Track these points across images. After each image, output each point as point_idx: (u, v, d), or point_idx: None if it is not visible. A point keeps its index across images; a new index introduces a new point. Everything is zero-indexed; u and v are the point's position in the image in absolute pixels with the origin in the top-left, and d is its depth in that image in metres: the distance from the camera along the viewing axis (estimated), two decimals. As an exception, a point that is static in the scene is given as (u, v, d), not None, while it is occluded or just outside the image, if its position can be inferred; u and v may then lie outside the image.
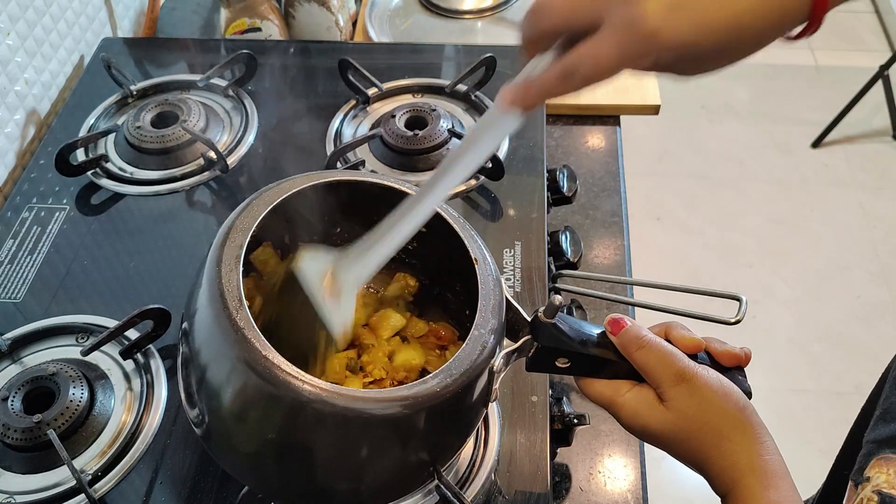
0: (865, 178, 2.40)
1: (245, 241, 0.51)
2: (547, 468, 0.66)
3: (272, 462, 0.52)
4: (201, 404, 0.52)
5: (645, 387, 0.54)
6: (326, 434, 0.49)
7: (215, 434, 0.54)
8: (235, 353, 0.47)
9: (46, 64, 1.02)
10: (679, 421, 0.51)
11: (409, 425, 0.50)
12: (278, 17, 1.14)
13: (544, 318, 0.53)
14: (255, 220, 0.53)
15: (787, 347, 1.99)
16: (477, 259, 0.56)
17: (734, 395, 0.51)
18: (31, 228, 0.86)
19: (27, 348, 0.74)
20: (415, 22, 1.24)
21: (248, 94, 1.01)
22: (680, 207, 2.33)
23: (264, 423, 0.50)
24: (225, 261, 0.50)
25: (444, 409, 0.50)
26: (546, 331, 0.54)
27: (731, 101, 2.64)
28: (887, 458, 0.47)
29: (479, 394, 0.53)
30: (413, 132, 0.91)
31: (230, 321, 0.47)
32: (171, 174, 0.91)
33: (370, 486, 0.54)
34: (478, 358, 0.51)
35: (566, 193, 0.91)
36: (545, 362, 0.56)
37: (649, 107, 1.10)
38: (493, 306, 0.54)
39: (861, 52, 2.81)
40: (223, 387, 0.50)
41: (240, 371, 0.47)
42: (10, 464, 0.66)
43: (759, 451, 0.49)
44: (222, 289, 0.48)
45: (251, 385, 0.47)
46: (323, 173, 0.60)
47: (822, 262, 2.19)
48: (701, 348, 0.55)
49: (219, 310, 0.48)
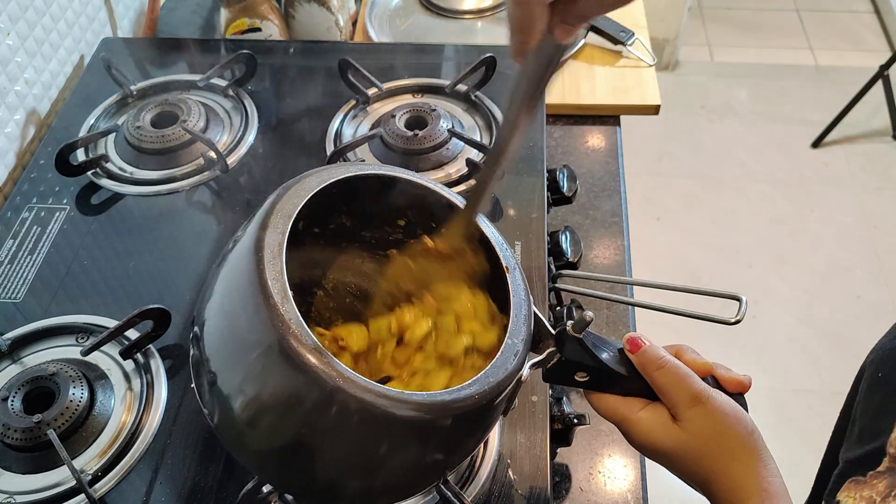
0: (865, 178, 2.40)
1: (287, 228, 0.48)
2: (547, 468, 0.66)
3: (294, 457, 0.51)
4: (219, 393, 0.50)
5: (659, 406, 0.55)
6: (355, 432, 0.48)
7: (233, 425, 0.51)
8: (280, 349, 0.44)
9: (46, 64, 1.02)
10: (692, 441, 0.53)
11: (436, 430, 0.50)
12: (278, 17, 1.14)
13: (573, 332, 0.55)
14: (296, 207, 0.50)
15: (787, 347, 1.99)
16: (508, 268, 0.56)
17: (745, 419, 0.53)
18: (31, 228, 0.86)
19: (27, 348, 0.74)
20: (415, 22, 1.24)
21: (248, 94, 1.01)
22: (680, 207, 2.33)
23: (298, 417, 0.47)
24: (267, 247, 0.47)
25: (473, 416, 0.50)
26: (572, 345, 0.55)
27: (731, 101, 2.64)
28: (857, 480, 0.49)
29: (504, 402, 0.54)
30: (413, 132, 0.91)
31: (275, 315, 0.44)
32: (171, 174, 0.91)
33: (382, 485, 0.54)
34: (511, 367, 0.51)
35: (566, 193, 0.91)
36: (564, 374, 0.57)
37: (649, 107, 1.10)
38: (525, 316, 0.55)
39: (861, 52, 2.81)
40: (258, 380, 0.47)
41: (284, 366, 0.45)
42: (10, 464, 0.66)
43: (763, 473, 0.51)
44: (264, 279, 0.45)
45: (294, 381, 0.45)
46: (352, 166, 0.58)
47: (822, 262, 2.19)
48: (710, 372, 0.57)
49: (259, 301, 0.45)
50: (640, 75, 1.14)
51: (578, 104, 1.10)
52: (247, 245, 0.48)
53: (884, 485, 0.47)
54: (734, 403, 0.54)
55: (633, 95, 1.11)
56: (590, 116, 1.10)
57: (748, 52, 2.80)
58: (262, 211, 0.50)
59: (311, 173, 0.54)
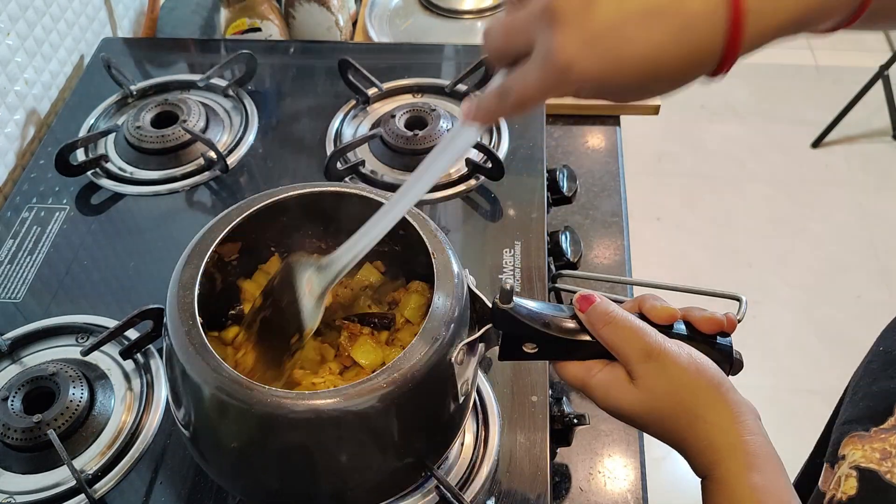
0: (865, 178, 2.40)
1: (202, 264, 0.56)
2: (547, 468, 0.66)
3: (248, 470, 0.54)
4: (181, 413, 0.55)
5: (616, 366, 0.52)
6: (283, 437, 0.50)
7: (196, 445, 0.57)
8: (192, 368, 0.50)
9: (46, 64, 1.02)
10: (650, 400, 0.49)
11: (371, 423, 0.50)
12: (278, 17, 1.14)
13: (501, 304, 0.53)
14: (211, 244, 0.57)
15: (787, 347, 1.99)
16: (434, 253, 0.56)
17: (708, 371, 0.49)
18: (30, 228, 0.86)
19: (27, 348, 0.75)
20: (415, 22, 1.24)
21: (248, 94, 1.01)
22: (680, 207, 2.33)
23: (226, 432, 0.52)
24: (183, 282, 0.54)
25: (406, 403, 0.51)
26: (504, 317, 0.54)
27: (731, 100, 2.64)
28: (860, 435, 0.46)
29: (443, 386, 0.53)
30: (413, 132, 0.91)
31: (187, 337, 0.51)
32: (171, 174, 0.91)
33: (356, 486, 0.55)
34: (429, 350, 0.51)
35: (566, 193, 0.90)
36: (513, 349, 0.56)
37: (649, 107, 1.10)
38: (450, 298, 0.54)
39: (861, 52, 2.81)
40: (189, 399, 0.53)
41: (196, 383, 0.50)
42: (10, 464, 0.66)
43: (738, 430, 0.47)
44: (178, 307, 0.53)
45: (207, 396, 0.50)
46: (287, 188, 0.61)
47: (822, 262, 2.19)
48: (675, 318, 0.53)
49: (177, 327, 0.52)
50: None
51: (578, 104, 1.09)
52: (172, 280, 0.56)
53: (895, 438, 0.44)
54: (696, 354, 0.49)
55: (633, 95, 1.10)
56: (589, 116, 1.10)
57: (748, 52, 2.79)
58: (188, 247, 0.58)
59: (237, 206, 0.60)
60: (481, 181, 0.89)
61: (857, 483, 0.44)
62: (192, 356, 0.50)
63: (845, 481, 0.45)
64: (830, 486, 0.46)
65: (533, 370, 0.72)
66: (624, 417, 0.52)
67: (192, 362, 0.50)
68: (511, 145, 0.93)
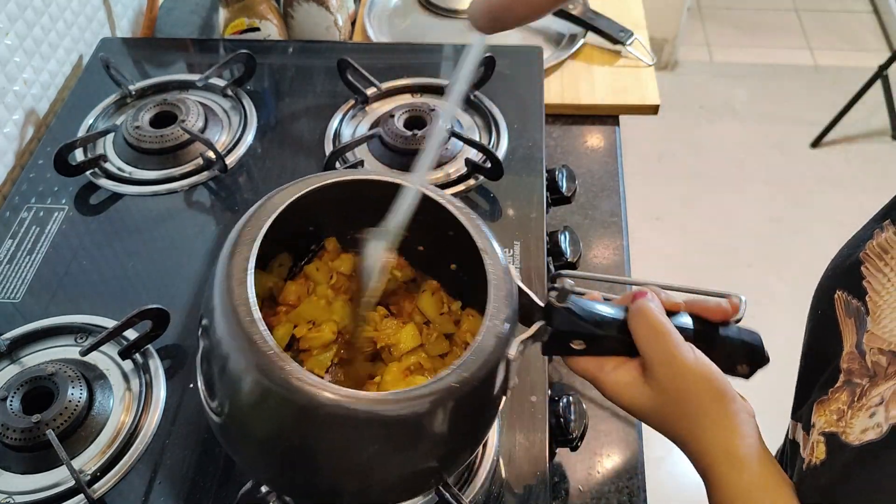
0: (865, 178, 2.41)
1: (252, 253, 0.52)
2: (546, 468, 0.66)
3: (287, 462, 0.52)
4: (219, 401, 0.53)
5: (630, 365, 0.55)
6: (345, 438, 0.49)
7: (230, 431, 0.54)
8: (252, 364, 0.48)
9: (45, 64, 1.02)
10: (660, 400, 0.53)
11: (427, 424, 0.50)
12: (277, 17, 1.14)
13: (557, 302, 0.54)
14: (259, 230, 0.53)
15: (787, 347, 1.99)
16: (485, 250, 0.56)
17: (715, 380, 0.52)
18: (29, 228, 0.85)
19: (26, 348, 0.74)
20: (414, 22, 1.24)
21: (246, 93, 1.01)
22: (679, 207, 2.33)
23: (278, 426, 0.50)
24: (235, 274, 0.51)
25: (463, 404, 0.50)
26: (560, 315, 0.55)
27: (731, 101, 2.64)
28: (822, 401, 0.51)
29: (498, 385, 0.53)
30: (412, 132, 0.91)
31: (246, 336, 0.48)
32: (169, 174, 0.91)
33: (381, 485, 0.54)
34: (493, 348, 0.51)
35: (565, 193, 0.90)
36: (561, 346, 0.56)
37: (648, 107, 1.10)
38: (505, 295, 0.54)
39: (860, 53, 2.81)
40: (240, 390, 0.50)
41: (255, 379, 0.48)
42: (9, 464, 0.65)
43: (733, 438, 0.51)
44: (234, 304, 0.49)
45: (266, 391, 0.48)
46: (324, 175, 0.60)
47: (822, 262, 2.16)
48: (677, 308, 0.57)
49: (233, 324, 0.49)
50: (639, 75, 1.14)
51: (577, 104, 1.10)
52: (218, 274, 0.52)
53: (846, 395, 0.48)
54: (706, 366, 0.53)
55: (632, 95, 1.10)
56: (589, 116, 1.10)
57: (747, 52, 2.80)
58: (230, 239, 0.54)
59: (276, 192, 0.57)
60: (480, 181, 0.89)
61: (825, 447, 0.48)
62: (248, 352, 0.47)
63: (817, 447, 0.49)
64: (807, 453, 0.50)
65: (532, 370, 0.72)
66: (630, 411, 0.56)
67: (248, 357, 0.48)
68: (510, 145, 0.93)
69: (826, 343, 0.53)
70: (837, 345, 0.51)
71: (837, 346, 0.51)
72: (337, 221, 0.67)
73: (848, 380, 0.49)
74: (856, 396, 0.47)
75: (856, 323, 0.50)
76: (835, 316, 0.53)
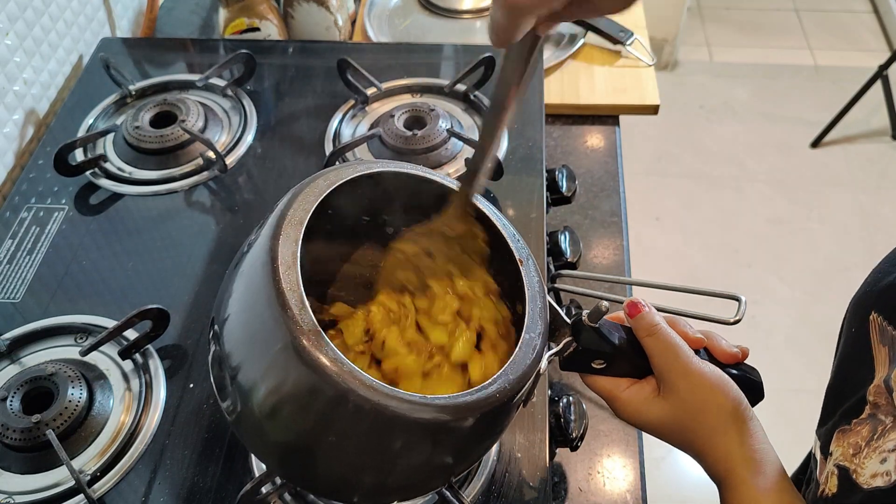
0: (865, 178, 2.40)
1: (300, 236, 0.48)
2: (546, 468, 0.66)
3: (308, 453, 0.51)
4: (237, 392, 0.50)
5: (643, 383, 0.56)
6: (372, 434, 0.47)
7: (249, 420, 0.51)
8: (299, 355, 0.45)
9: (45, 64, 1.02)
10: (676, 412, 0.54)
11: (453, 430, 0.49)
12: (277, 17, 1.14)
13: (588, 321, 0.55)
14: (307, 213, 0.49)
15: (787, 347, 1.99)
16: (522, 260, 0.56)
17: (731, 392, 0.54)
18: (29, 228, 0.85)
19: (26, 348, 0.74)
20: (414, 21, 1.24)
21: (246, 93, 1.01)
22: (679, 207, 2.33)
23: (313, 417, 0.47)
24: (281, 257, 0.47)
25: (491, 415, 0.50)
26: (589, 334, 0.55)
27: (731, 100, 2.64)
28: (844, 430, 0.50)
29: (523, 396, 0.53)
30: (412, 132, 0.91)
31: (294, 325, 0.45)
32: (169, 174, 0.91)
33: (395, 483, 0.54)
34: (530, 362, 0.51)
35: (565, 193, 0.90)
36: (581, 363, 0.57)
37: (648, 107, 1.10)
38: (540, 309, 0.54)
39: (860, 52, 2.81)
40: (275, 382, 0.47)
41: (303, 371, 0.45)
42: (9, 464, 0.66)
43: (750, 443, 0.52)
44: (281, 290, 0.45)
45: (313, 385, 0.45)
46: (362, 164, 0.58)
47: (821, 262, 2.19)
48: (702, 345, 0.57)
49: (277, 313, 0.45)
50: (639, 75, 1.14)
51: (577, 104, 1.10)
52: (260, 255, 0.47)
53: (867, 430, 0.48)
54: (720, 377, 0.54)
55: (632, 95, 1.10)
56: (589, 116, 1.10)
57: (747, 52, 2.80)
58: (273, 218, 0.49)
59: (321, 175, 0.54)
60: (480, 181, 0.89)
61: (837, 481, 0.48)
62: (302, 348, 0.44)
63: (830, 478, 0.49)
64: (823, 480, 0.50)
65: (532, 370, 0.72)
66: (648, 429, 0.56)
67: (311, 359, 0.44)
68: (510, 145, 0.93)
69: (857, 366, 0.52)
70: (868, 371, 0.50)
71: (868, 373, 0.50)
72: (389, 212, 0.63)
73: (873, 414, 0.48)
74: (875, 434, 0.47)
75: (889, 353, 0.49)
76: (868, 339, 0.52)
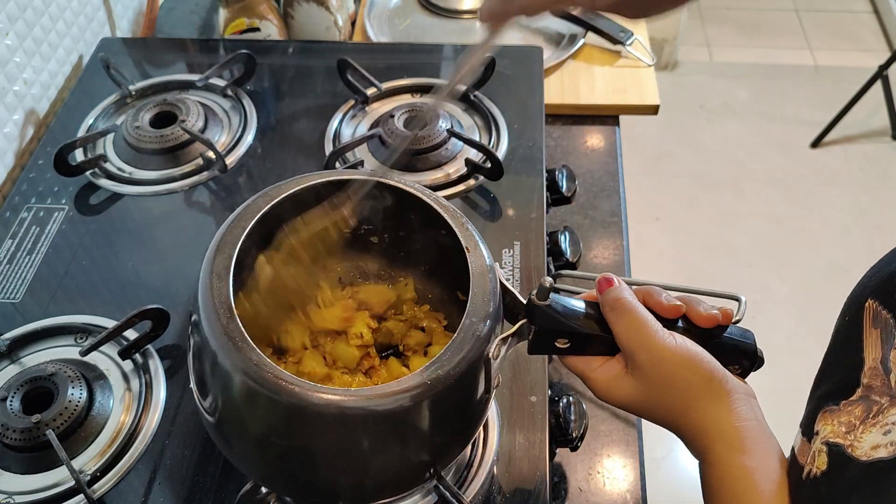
0: (865, 178, 2.40)
1: (234, 253, 0.54)
2: (546, 468, 0.66)
3: (274, 460, 0.53)
4: (208, 401, 0.54)
5: (613, 360, 0.55)
6: (321, 433, 0.49)
7: (221, 430, 0.55)
8: (230, 363, 0.49)
9: (45, 64, 1.02)
10: (646, 390, 0.52)
11: (407, 419, 0.50)
12: (277, 17, 1.14)
13: (538, 300, 0.54)
14: (242, 232, 0.55)
15: (787, 347, 1.99)
16: (468, 248, 0.56)
17: (703, 365, 0.51)
18: (29, 228, 0.85)
19: (26, 348, 0.74)
20: (414, 22, 1.24)
21: (246, 93, 1.01)
22: (679, 207, 2.33)
23: (260, 423, 0.51)
24: (215, 272, 0.53)
25: (444, 400, 0.50)
26: (541, 313, 0.54)
27: (731, 100, 2.64)
28: (831, 409, 0.49)
29: (478, 382, 0.53)
30: (412, 132, 0.91)
31: (224, 332, 0.49)
32: (169, 174, 0.91)
33: (374, 480, 0.55)
34: (470, 347, 0.51)
35: (565, 193, 0.90)
36: (545, 344, 0.56)
37: (648, 107, 1.10)
38: (486, 293, 0.54)
39: (860, 52, 2.81)
40: (223, 389, 0.51)
41: (234, 377, 0.49)
42: (9, 464, 0.66)
43: (729, 417, 0.50)
44: (214, 301, 0.51)
45: (245, 389, 0.49)
46: (311, 176, 0.60)
47: (821, 262, 2.19)
48: (680, 313, 0.55)
49: (213, 320, 0.50)
50: (639, 75, 1.14)
51: (577, 104, 1.10)
52: (203, 269, 0.54)
53: (860, 409, 0.47)
54: (688, 351, 0.52)
55: (632, 95, 1.10)
56: (589, 116, 1.10)
57: (747, 52, 2.80)
58: (214, 239, 0.56)
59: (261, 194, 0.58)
60: (480, 181, 0.89)
61: (826, 458, 0.46)
62: (230, 350, 0.49)
63: (818, 456, 0.47)
64: (807, 461, 0.48)
65: (532, 370, 0.72)
66: (620, 405, 0.55)
67: (231, 356, 0.49)
68: (510, 145, 0.93)
69: (845, 350, 0.52)
70: (856, 354, 0.49)
71: (856, 355, 0.49)
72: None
73: (866, 395, 0.47)
74: (871, 413, 0.46)
75: (882, 335, 0.48)
76: (860, 326, 0.51)
